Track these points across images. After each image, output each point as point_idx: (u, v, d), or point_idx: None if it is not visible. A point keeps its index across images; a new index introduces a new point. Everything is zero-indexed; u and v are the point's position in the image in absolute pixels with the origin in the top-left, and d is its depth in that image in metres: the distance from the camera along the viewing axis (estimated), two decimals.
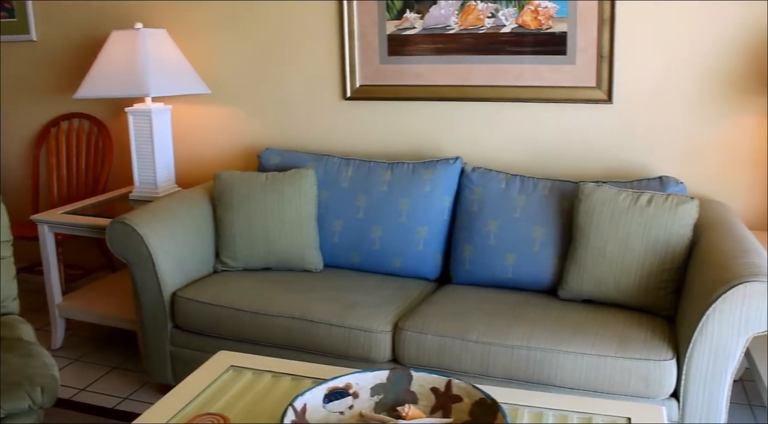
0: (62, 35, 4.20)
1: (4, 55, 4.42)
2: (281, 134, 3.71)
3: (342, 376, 1.77)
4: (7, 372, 1.91)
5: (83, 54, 4.15)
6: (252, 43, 3.69)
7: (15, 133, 4.49)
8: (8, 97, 4.46)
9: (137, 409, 3.02)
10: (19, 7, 4.28)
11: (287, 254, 3.07)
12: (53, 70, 4.28)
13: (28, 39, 4.30)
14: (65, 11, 4.15)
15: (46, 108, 4.35)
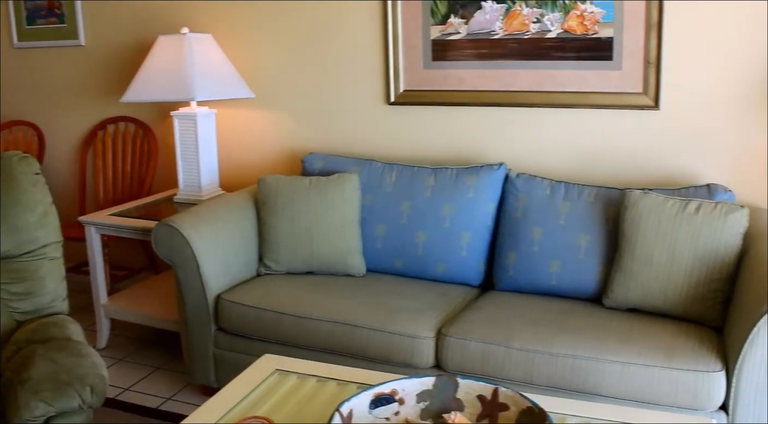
0: (110, 40, 4.27)
1: (53, 59, 4.50)
2: (325, 139, 3.72)
3: (388, 382, 1.77)
4: (58, 371, 1.94)
5: (130, 58, 4.21)
6: (296, 48, 3.71)
7: (63, 137, 4.57)
8: (57, 101, 4.54)
9: (180, 410, 3.05)
10: (68, 13, 4.36)
11: (330, 258, 3.08)
12: (101, 74, 4.34)
13: (77, 44, 4.38)
14: (113, 17, 4.21)
15: (94, 112, 4.42)
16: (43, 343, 2.14)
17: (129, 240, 4.13)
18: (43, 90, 4.60)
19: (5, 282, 2.39)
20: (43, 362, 2.00)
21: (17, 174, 2.42)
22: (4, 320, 2.35)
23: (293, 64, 3.74)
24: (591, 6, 3.11)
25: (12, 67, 4.70)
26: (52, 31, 4.46)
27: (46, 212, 2.45)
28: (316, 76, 3.70)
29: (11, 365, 2.09)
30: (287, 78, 3.77)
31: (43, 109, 4.61)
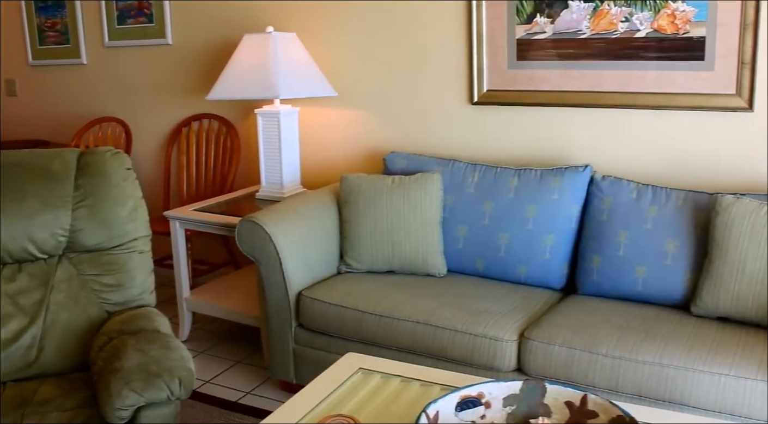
0: (196, 39, 4.35)
1: (142, 58, 4.61)
2: (406, 138, 3.72)
3: (474, 385, 1.75)
4: (149, 363, 1.98)
5: (215, 57, 4.28)
6: (379, 47, 3.71)
7: (149, 133, 4.68)
8: (144, 98, 4.65)
9: (260, 404, 3.08)
10: (157, 13, 4.46)
11: (411, 258, 3.07)
12: (186, 72, 4.43)
13: (165, 43, 4.47)
14: (200, 16, 4.29)
15: (179, 109, 4.51)
16: (134, 334, 2.19)
17: (211, 235, 4.20)
18: (131, 87, 4.72)
19: (97, 274, 2.45)
20: (134, 353, 2.04)
21: (110, 169, 2.49)
22: (95, 311, 2.41)
23: (376, 63, 3.75)
24: (683, 5, 3.02)
25: (102, 65, 4.84)
26: (141, 30, 4.58)
27: (136, 207, 2.51)
28: (399, 75, 3.70)
29: (103, 355, 2.14)
30: (369, 77, 3.78)
31: (130, 105, 4.74)
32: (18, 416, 2.04)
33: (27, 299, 2.39)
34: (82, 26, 4.89)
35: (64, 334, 2.36)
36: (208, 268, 4.30)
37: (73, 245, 2.46)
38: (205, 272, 4.26)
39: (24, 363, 2.33)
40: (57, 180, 2.45)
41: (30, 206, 2.40)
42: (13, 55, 5.35)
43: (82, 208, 2.43)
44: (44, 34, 5.13)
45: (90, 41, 4.88)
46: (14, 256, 2.42)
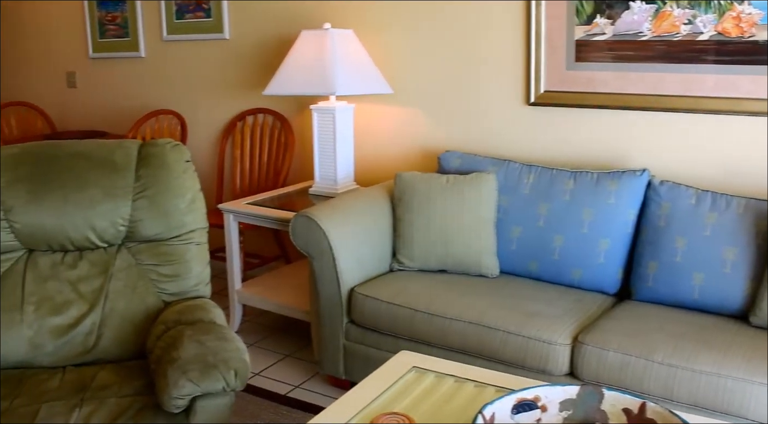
0: (253, 34, 4.38)
1: (199, 52, 4.67)
2: (461, 137, 3.70)
3: (530, 388, 1.73)
4: (206, 354, 2.00)
5: (272, 52, 4.31)
6: (436, 45, 3.70)
7: (204, 126, 4.73)
8: (200, 92, 4.70)
9: (308, 398, 3.10)
10: (215, 8, 4.51)
11: (464, 258, 3.05)
12: (243, 67, 4.47)
13: (222, 38, 4.52)
14: (257, 12, 4.33)
15: (234, 103, 4.56)
16: (191, 325, 2.22)
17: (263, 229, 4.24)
18: (187, 81, 4.78)
19: (154, 264, 2.49)
20: (191, 343, 2.07)
21: (170, 161, 2.52)
22: (152, 300, 2.45)
23: (432, 62, 3.74)
24: (749, 7, 2.95)
25: (160, 59, 4.91)
26: (199, 25, 4.63)
27: (194, 199, 2.54)
28: (455, 74, 3.68)
29: (160, 344, 2.18)
30: (425, 75, 3.77)
31: (186, 99, 4.80)
32: (78, 400, 2.08)
33: (87, 286, 2.44)
34: (142, 20, 4.97)
35: (122, 321, 2.40)
36: (259, 261, 4.34)
37: (133, 234, 2.50)
38: (256, 265, 4.30)
39: (83, 349, 2.38)
40: (119, 171, 2.49)
41: (92, 196, 2.45)
42: (75, 48, 5.46)
43: (142, 199, 2.47)
44: (105, 28, 5.22)
45: (149, 35, 4.96)
46: (76, 244, 2.47)
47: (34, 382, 2.22)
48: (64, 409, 2.04)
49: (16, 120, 5.65)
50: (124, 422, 1.98)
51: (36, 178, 2.45)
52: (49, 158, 2.50)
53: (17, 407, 2.06)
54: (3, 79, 6.14)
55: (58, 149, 2.53)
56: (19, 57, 5.94)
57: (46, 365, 2.37)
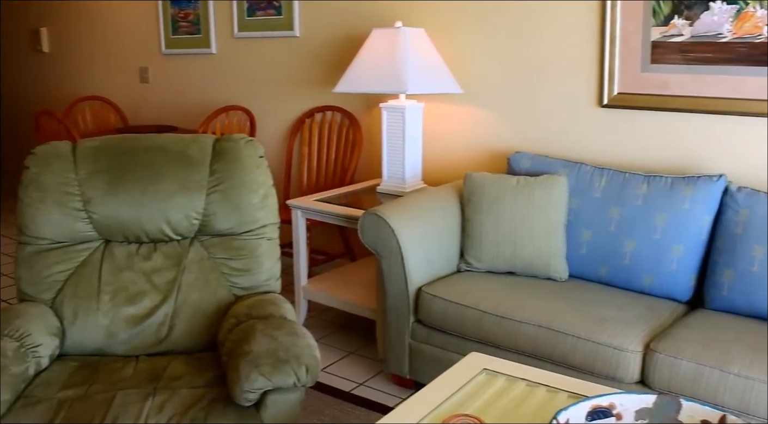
0: (323, 32, 4.41)
1: (269, 49, 4.71)
2: (531, 138, 3.66)
3: (605, 395, 1.70)
4: (277, 348, 2.02)
5: (341, 50, 4.33)
6: (508, 45, 3.67)
7: (273, 123, 4.78)
8: (270, 89, 4.75)
9: (372, 396, 3.10)
10: (286, 6, 4.55)
11: (533, 260, 3.02)
12: (312, 64, 4.50)
13: (292, 35, 4.56)
14: (328, 10, 4.35)
15: (303, 100, 4.59)
16: (262, 319, 2.24)
17: (329, 226, 4.26)
18: (257, 78, 4.83)
19: (226, 257, 2.52)
20: (263, 337, 2.08)
21: (244, 156, 2.55)
22: (223, 294, 2.48)
23: (503, 62, 3.70)
24: None
25: (231, 56, 4.97)
26: (270, 22, 4.68)
27: (267, 194, 2.56)
28: (526, 74, 3.64)
29: (232, 337, 2.20)
30: (496, 75, 3.74)
31: (256, 95, 4.85)
32: (151, 389, 2.12)
33: (161, 277, 2.48)
34: (214, 17, 5.04)
35: (194, 313, 2.44)
36: (324, 258, 4.36)
37: (205, 228, 2.53)
38: (322, 261, 4.32)
39: (156, 339, 2.42)
40: (194, 165, 2.53)
41: (167, 189, 2.49)
42: (148, 45, 5.57)
43: (216, 193, 2.50)
44: (177, 24, 5.31)
45: (220, 32, 5.03)
46: (150, 236, 2.52)
47: (110, 369, 2.27)
48: (139, 397, 2.07)
49: (91, 114, 5.80)
50: (196, 412, 2.00)
51: (114, 170, 2.51)
52: (126, 151, 2.55)
53: (94, 393, 2.11)
54: (79, 74, 6.30)
55: (135, 143, 2.58)
56: (94, 53, 6.09)
57: (120, 354, 2.42)
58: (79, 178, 2.50)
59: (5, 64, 7.13)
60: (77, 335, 2.41)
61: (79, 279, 2.47)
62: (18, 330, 2.24)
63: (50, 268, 2.48)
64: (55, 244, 2.51)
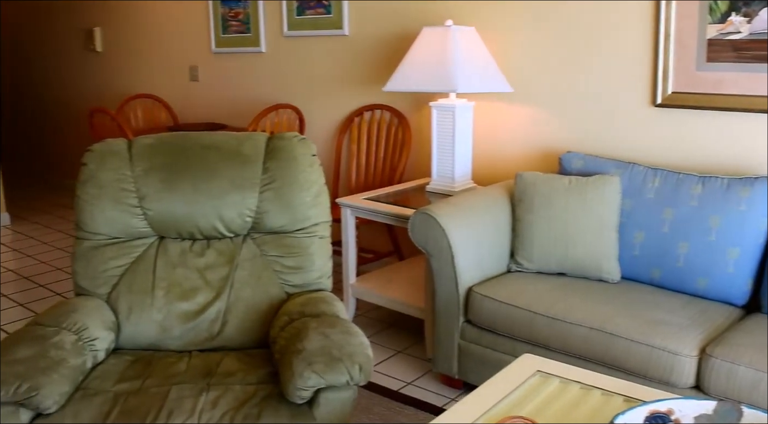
0: (373, 31, 4.41)
1: (318, 48, 4.73)
2: (583, 138, 3.62)
3: (663, 400, 1.67)
4: (330, 347, 2.02)
5: (391, 49, 4.33)
6: (559, 43, 3.63)
7: (322, 121, 4.80)
8: (319, 87, 4.77)
9: (421, 395, 3.10)
10: (335, 5, 4.56)
11: (584, 261, 2.99)
12: (361, 63, 4.51)
13: (341, 34, 4.57)
14: (377, 8, 4.35)
15: (352, 98, 4.60)
16: (315, 317, 2.24)
17: (377, 224, 4.27)
18: (306, 76, 4.85)
19: (278, 255, 2.53)
20: (316, 335, 2.09)
21: (297, 154, 2.56)
22: (275, 291, 2.50)
23: (554, 61, 3.67)
24: None
25: (280, 54, 5.00)
26: (319, 21, 4.69)
27: (319, 193, 2.57)
28: (577, 73, 3.60)
29: (285, 334, 2.21)
30: (547, 74, 3.70)
31: (305, 94, 4.88)
32: (205, 384, 2.14)
33: (214, 274, 2.51)
34: (263, 16, 5.08)
35: (246, 310, 2.46)
36: (372, 256, 4.37)
37: (258, 225, 2.55)
38: (369, 260, 4.32)
39: (208, 335, 2.45)
40: (247, 162, 2.54)
41: (221, 186, 2.51)
42: (198, 43, 5.63)
43: (269, 191, 2.52)
44: (227, 24, 5.36)
45: (269, 31, 5.06)
46: (204, 233, 2.55)
47: (163, 364, 2.29)
48: (193, 392, 2.10)
49: (142, 112, 5.88)
50: (250, 409, 2.02)
51: (169, 168, 2.54)
52: (181, 149, 2.58)
53: (149, 387, 2.14)
54: (130, 73, 6.40)
55: (190, 140, 2.61)
56: (146, 52, 6.18)
57: (173, 349, 2.45)
58: (134, 175, 2.53)
59: (60, 63, 7.27)
60: (131, 330, 2.45)
61: (134, 274, 2.51)
62: (76, 324, 2.28)
63: (106, 263, 2.52)
64: (111, 239, 2.55)
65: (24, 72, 7.87)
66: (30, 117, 7.97)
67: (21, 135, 8.24)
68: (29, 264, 5.10)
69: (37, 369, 2.02)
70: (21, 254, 5.37)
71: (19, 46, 7.85)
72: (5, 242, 5.69)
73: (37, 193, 7.56)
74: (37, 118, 7.85)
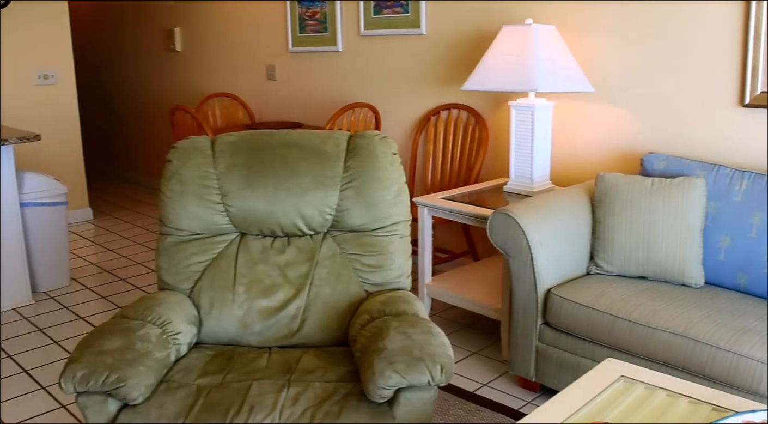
0: (450, 30, 4.39)
1: (395, 47, 4.74)
2: (665, 138, 3.54)
3: (758, 411, 1.62)
4: (412, 346, 2.02)
5: (468, 48, 4.30)
6: (642, 42, 3.55)
7: (398, 120, 4.80)
8: (395, 86, 4.77)
9: (496, 397, 3.07)
10: (413, 4, 4.56)
11: (667, 265, 2.91)
12: (438, 62, 4.49)
13: (419, 33, 4.56)
14: (455, 7, 4.33)
15: (428, 98, 4.59)
16: (396, 316, 2.24)
17: (452, 224, 4.24)
18: (382, 75, 4.86)
19: (358, 253, 2.54)
20: (397, 335, 2.09)
21: (378, 153, 2.56)
22: (355, 289, 2.50)
23: (636, 60, 3.59)
24: None
25: (357, 54, 5.02)
26: (396, 20, 4.70)
27: (400, 191, 2.57)
28: (660, 73, 3.52)
29: (365, 333, 2.21)
30: (628, 74, 3.63)
31: (381, 93, 4.88)
32: (285, 381, 2.16)
33: (294, 271, 2.53)
34: (340, 16, 5.11)
35: (326, 308, 2.47)
36: (447, 256, 4.35)
37: (338, 223, 2.56)
38: (444, 260, 4.31)
39: (288, 331, 2.47)
40: (329, 160, 2.56)
41: (302, 184, 2.53)
42: (275, 43, 5.70)
43: (350, 189, 2.53)
44: (304, 23, 5.41)
45: (346, 30, 5.09)
46: (285, 230, 2.57)
47: (244, 360, 2.32)
48: (273, 388, 2.12)
49: (220, 110, 5.98)
50: (330, 406, 2.03)
51: (251, 165, 2.57)
52: (263, 147, 2.60)
53: (231, 382, 2.17)
54: (209, 72, 6.52)
55: (271, 138, 2.63)
56: (224, 51, 6.28)
57: (253, 345, 2.48)
58: (217, 172, 2.57)
59: (142, 62, 7.45)
60: (213, 325, 2.49)
61: (215, 270, 2.54)
62: (160, 317, 2.32)
63: (189, 258, 2.56)
64: (194, 235, 2.59)
65: (107, 71, 8.10)
66: (111, 115, 8.19)
67: (102, 132, 8.48)
68: (110, 258, 5.25)
69: (125, 361, 2.07)
70: (102, 248, 5.52)
71: (103, 46, 8.08)
72: (88, 236, 5.86)
73: (118, 189, 7.77)
74: (118, 116, 8.07)
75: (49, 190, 4.48)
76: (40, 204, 4.43)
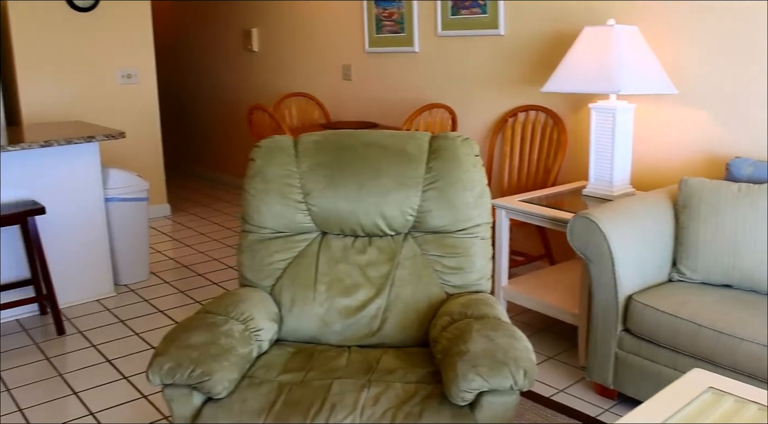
0: (529, 30, 4.35)
1: (473, 47, 4.72)
2: (753, 143, 3.44)
3: None
4: (495, 350, 2.01)
5: (548, 49, 4.26)
6: (728, 43, 3.46)
7: (474, 121, 4.78)
8: (472, 87, 4.76)
9: (573, 404, 3.03)
10: (491, 5, 4.53)
11: (754, 274, 2.83)
12: (516, 63, 4.46)
13: (496, 34, 4.54)
14: (535, 8, 4.29)
15: (506, 99, 4.56)
16: (478, 319, 2.23)
17: (528, 227, 4.21)
18: (459, 76, 4.85)
19: (439, 255, 2.54)
20: (479, 337, 2.08)
21: (461, 154, 2.56)
22: (435, 291, 2.51)
23: (723, 60, 3.49)
24: None
25: (434, 54, 5.02)
26: (473, 20, 4.68)
27: (482, 193, 2.56)
28: (747, 75, 3.42)
29: (447, 335, 2.21)
30: (715, 75, 3.53)
31: (458, 94, 4.87)
32: (365, 380, 2.17)
33: (375, 271, 2.54)
34: (417, 16, 5.11)
35: (406, 309, 2.48)
36: (523, 259, 4.32)
37: (419, 224, 2.57)
38: (520, 263, 4.28)
39: (368, 331, 2.49)
40: (411, 161, 2.57)
41: (384, 184, 2.54)
42: (351, 43, 5.74)
43: (432, 190, 2.53)
44: (381, 24, 5.43)
45: (423, 31, 5.09)
46: (366, 230, 2.59)
47: (324, 358, 2.35)
48: (354, 387, 2.13)
49: (296, 109, 6.06)
50: (411, 408, 2.03)
51: (334, 165, 2.59)
52: (346, 146, 2.63)
53: (312, 379, 2.19)
54: (285, 72, 6.60)
55: (354, 138, 2.65)
56: (300, 51, 6.35)
57: (334, 344, 2.51)
58: (300, 171, 2.60)
59: (220, 62, 7.59)
60: (293, 322, 2.52)
61: (297, 268, 2.58)
62: (243, 314, 2.37)
63: (271, 256, 2.60)
64: (276, 233, 2.63)
65: (186, 70, 8.28)
66: (190, 114, 8.37)
67: (181, 130, 8.67)
68: (188, 253, 5.36)
69: (209, 355, 2.11)
70: (180, 243, 5.64)
71: (182, 46, 8.26)
72: (166, 232, 6.00)
73: (195, 185, 7.94)
74: (196, 114, 8.24)
75: (132, 185, 4.60)
76: (123, 199, 4.55)
